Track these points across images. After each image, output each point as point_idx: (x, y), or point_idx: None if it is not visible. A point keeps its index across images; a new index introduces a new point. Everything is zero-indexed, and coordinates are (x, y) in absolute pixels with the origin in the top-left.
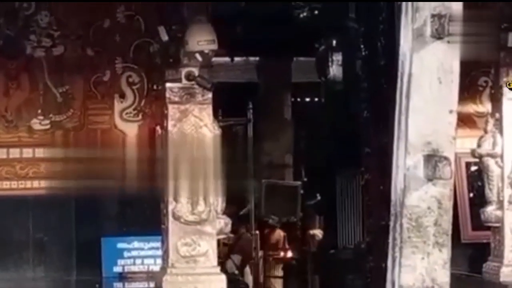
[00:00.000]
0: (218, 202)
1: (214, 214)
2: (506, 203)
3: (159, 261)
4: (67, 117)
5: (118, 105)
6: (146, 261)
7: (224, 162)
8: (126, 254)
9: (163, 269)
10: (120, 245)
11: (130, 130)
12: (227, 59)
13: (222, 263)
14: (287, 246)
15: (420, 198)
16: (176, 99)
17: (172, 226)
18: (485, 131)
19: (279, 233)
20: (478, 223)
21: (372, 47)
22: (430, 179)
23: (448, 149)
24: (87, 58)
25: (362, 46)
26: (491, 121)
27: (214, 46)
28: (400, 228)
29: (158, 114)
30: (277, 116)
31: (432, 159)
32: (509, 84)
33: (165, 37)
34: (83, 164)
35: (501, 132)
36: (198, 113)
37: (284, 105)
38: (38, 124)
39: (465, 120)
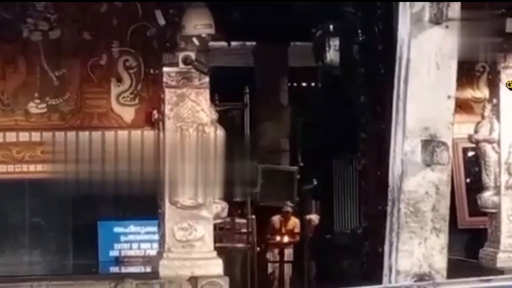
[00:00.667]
0: (215, 186)
1: (211, 198)
2: (503, 189)
3: (155, 245)
4: (63, 100)
5: (114, 89)
6: (142, 245)
7: (220, 147)
8: (122, 238)
9: (160, 253)
10: (117, 229)
11: (127, 114)
12: (224, 43)
13: None
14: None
15: (418, 184)
16: (173, 83)
17: (168, 210)
18: (482, 117)
19: (294, 220)
20: (475, 209)
21: (369, 32)
22: (427, 164)
23: (446, 134)
24: (84, 42)
25: (359, 30)
26: (488, 107)
27: (211, 30)
28: (398, 213)
29: (155, 98)
30: (273, 101)
31: (430, 144)
32: (509, 84)
33: (162, 21)
34: (80, 148)
35: (498, 117)
36: (195, 97)
37: (280, 90)
38: (35, 107)
39: (462, 106)
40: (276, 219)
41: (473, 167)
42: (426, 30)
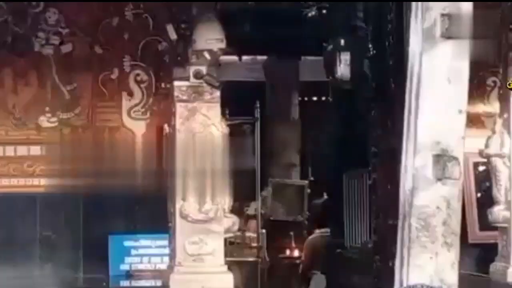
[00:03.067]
0: (225, 200)
1: (221, 212)
2: None
3: (166, 259)
4: (75, 114)
5: (126, 103)
6: (153, 259)
7: (231, 161)
8: (133, 252)
9: (170, 267)
10: (128, 243)
11: (138, 128)
12: (235, 57)
13: None
14: None
15: (429, 198)
16: (184, 97)
17: (179, 224)
18: (493, 131)
19: None
20: (486, 224)
21: (380, 46)
22: (439, 179)
23: (457, 149)
24: (95, 56)
25: (370, 45)
26: (499, 121)
27: (223, 45)
28: (409, 228)
29: (166, 113)
30: (284, 115)
31: (441, 159)
32: (509, 84)
33: (173, 35)
34: (91, 162)
35: (509, 132)
36: (206, 111)
37: (291, 104)
38: (46, 121)
39: (473, 120)
40: None
41: (484, 182)
42: (437, 45)
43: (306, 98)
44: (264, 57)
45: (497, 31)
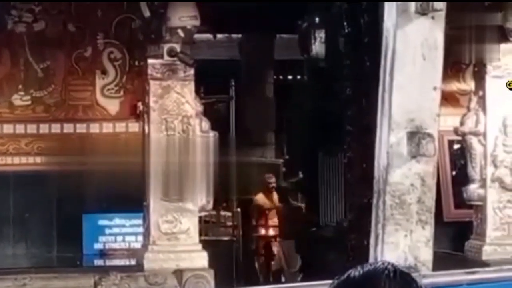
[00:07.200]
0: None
1: (195, 192)
2: (488, 181)
3: (140, 238)
4: (48, 93)
5: (99, 81)
6: (127, 238)
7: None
8: (107, 231)
9: (145, 246)
10: (101, 222)
11: (112, 106)
12: (209, 35)
13: None
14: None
15: (404, 175)
16: (158, 75)
17: (153, 203)
18: (468, 109)
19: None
20: (461, 202)
21: (355, 24)
22: (413, 156)
23: (432, 126)
24: (68, 34)
25: (345, 23)
26: (474, 99)
27: (196, 22)
28: (383, 205)
29: (139, 91)
30: (259, 94)
31: (416, 136)
32: (509, 84)
33: (147, 13)
34: (64, 140)
35: (484, 110)
36: (180, 89)
37: (266, 83)
38: (19, 99)
39: (448, 98)
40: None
41: (458, 160)
42: (412, 21)
43: (281, 77)
44: (239, 35)
45: (472, 8)
